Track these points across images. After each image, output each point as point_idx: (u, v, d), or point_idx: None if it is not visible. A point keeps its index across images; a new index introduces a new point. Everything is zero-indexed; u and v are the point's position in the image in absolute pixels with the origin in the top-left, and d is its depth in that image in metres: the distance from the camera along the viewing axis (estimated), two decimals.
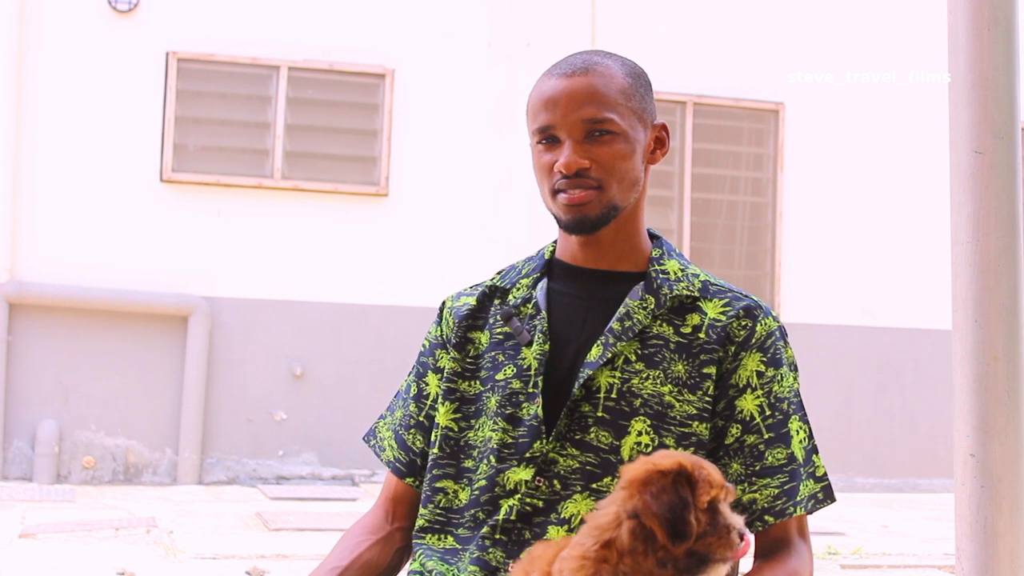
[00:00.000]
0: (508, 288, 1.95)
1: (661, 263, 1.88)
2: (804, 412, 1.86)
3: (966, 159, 1.88)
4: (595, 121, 1.82)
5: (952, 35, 1.91)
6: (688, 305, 1.85)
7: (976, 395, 1.86)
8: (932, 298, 9.69)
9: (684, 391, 1.80)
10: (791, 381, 1.85)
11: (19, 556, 5.90)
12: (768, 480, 1.78)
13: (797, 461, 1.80)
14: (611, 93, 1.83)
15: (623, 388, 1.80)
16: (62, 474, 8.43)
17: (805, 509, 1.80)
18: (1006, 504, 1.84)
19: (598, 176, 1.82)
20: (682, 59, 9.62)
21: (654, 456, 1.52)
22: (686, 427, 1.79)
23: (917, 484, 9.83)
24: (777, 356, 1.83)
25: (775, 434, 1.80)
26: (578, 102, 1.82)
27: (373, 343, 8.95)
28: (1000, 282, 1.86)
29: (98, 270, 8.55)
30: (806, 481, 1.81)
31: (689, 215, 9.59)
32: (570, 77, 1.84)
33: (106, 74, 8.67)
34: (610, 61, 1.88)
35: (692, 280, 1.87)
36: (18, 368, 8.32)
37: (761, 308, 1.86)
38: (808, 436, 1.84)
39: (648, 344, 1.82)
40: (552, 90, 1.84)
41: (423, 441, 1.96)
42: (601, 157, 1.82)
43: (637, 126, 1.86)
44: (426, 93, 9.17)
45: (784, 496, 1.78)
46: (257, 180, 8.85)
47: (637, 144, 1.86)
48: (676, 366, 1.81)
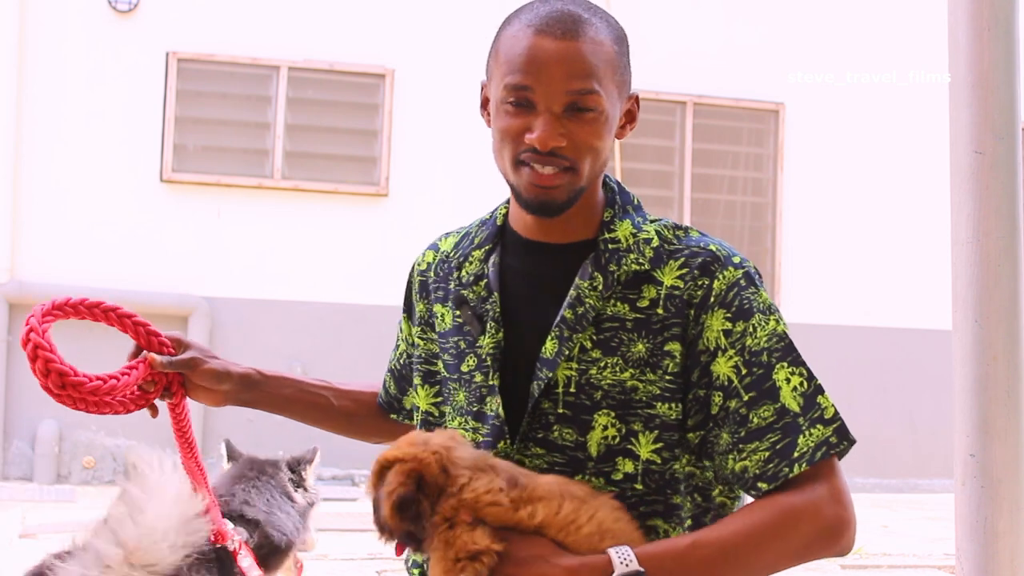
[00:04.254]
0: (461, 262, 1.84)
1: (612, 228, 1.74)
2: (794, 355, 1.68)
3: (966, 159, 1.88)
4: (581, 93, 1.66)
5: (952, 35, 1.91)
6: (643, 275, 1.71)
7: (976, 395, 1.86)
8: (932, 298, 9.69)
9: (647, 371, 1.68)
10: (771, 326, 1.68)
11: (19, 556, 5.90)
12: (756, 444, 1.64)
13: (791, 412, 1.64)
14: (600, 64, 1.68)
15: (581, 381, 1.69)
16: (62, 474, 8.43)
17: (809, 462, 1.62)
18: (1006, 504, 1.83)
19: (572, 156, 1.67)
20: (682, 59, 9.61)
21: (399, 446, 1.63)
22: (651, 408, 1.68)
23: (917, 484, 9.83)
24: (745, 307, 1.68)
25: (756, 392, 1.65)
26: (567, 72, 1.65)
27: (373, 343, 8.94)
28: (1000, 282, 1.86)
29: (98, 270, 8.55)
30: (809, 430, 1.64)
31: (689, 215, 9.59)
32: (560, 39, 1.66)
33: (106, 74, 8.67)
34: (598, 21, 1.71)
35: (643, 249, 1.72)
36: (18, 368, 8.32)
37: (719, 260, 1.70)
38: (806, 379, 1.67)
39: (603, 328, 1.70)
40: (538, 50, 1.66)
41: (396, 389, 2.06)
42: (579, 135, 1.67)
43: (616, 101, 1.72)
44: (426, 93, 9.16)
45: (777, 457, 1.63)
46: (257, 180, 8.85)
47: (614, 122, 1.72)
48: (636, 346, 1.69)
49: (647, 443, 1.69)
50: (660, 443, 1.69)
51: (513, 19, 1.72)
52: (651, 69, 9.51)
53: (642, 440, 1.69)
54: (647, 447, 1.69)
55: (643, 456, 1.69)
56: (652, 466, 1.69)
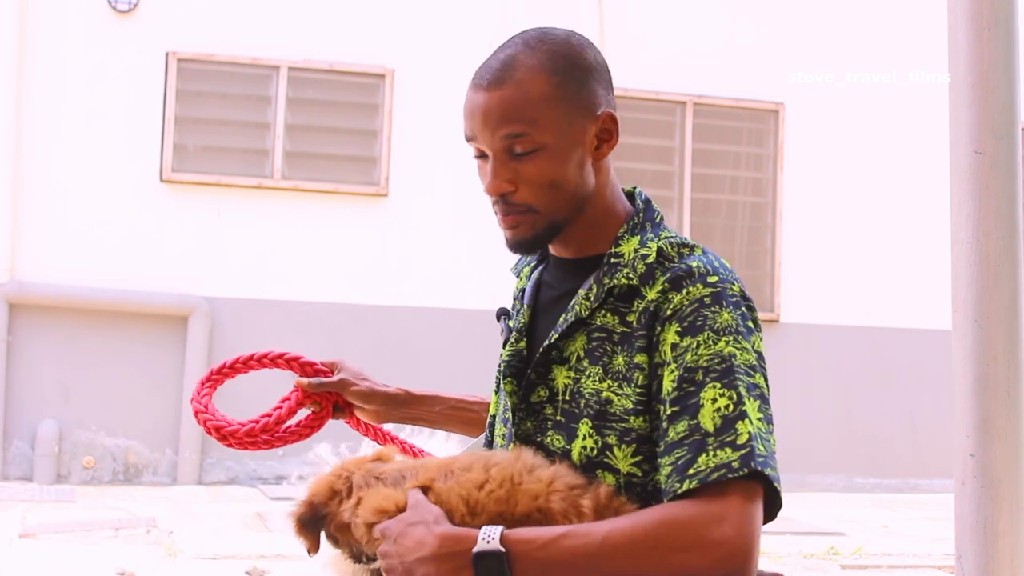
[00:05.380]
0: (518, 275, 1.96)
1: (619, 243, 1.76)
2: (732, 378, 1.62)
3: (966, 159, 1.88)
4: (513, 137, 1.71)
5: (952, 35, 1.91)
6: (635, 290, 1.72)
7: (976, 395, 1.86)
8: (932, 298, 9.69)
9: (623, 384, 1.69)
10: (717, 347, 1.64)
11: (19, 556, 5.90)
12: (667, 458, 1.62)
13: (703, 431, 1.59)
14: (530, 104, 1.70)
15: (574, 388, 1.74)
16: (62, 474, 8.43)
17: (701, 481, 1.56)
18: (1006, 504, 1.83)
19: (526, 200, 1.73)
20: (682, 59, 9.62)
21: (314, 483, 1.87)
22: (625, 422, 1.68)
23: (917, 484, 9.83)
24: (698, 323, 1.65)
25: (680, 407, 1.62)
26: (494, 120, 1.72)
27: (373, 343, 8.95)
28: (1000, 282, 1.86)
29: (98, 270, 8.55)
30: (715, 451, 1.58)
31: (689, 215, 9.59)
32: (485, 90, 1.72)
33: (106, 74, 8.67)
34: (533, 59, 1.73)
35: (636, 265, 1.73)
36: (18, 368, 8.31)
37: (692, 275, 1.68)
38: (733, 404, 1.60)
39: (592, 338, 1.74)
40: (470, 102, 1.75)
41: None
42: (528, 175, 1.72)
43: (569, 129, 1.72)
44: (426, 93, 9.16)
45: (676, 472, 1.59)
46: (257, 180, 8.85)
47: (572, 149, 1.73)
48: (616, 359, 1.71)
49: (624, 456, 1.69)
50: (639, 456, 1.69)
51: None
52: (651, 69, 9.52)
53: (619, 454, 1.69)
54: (626, 460, 1.69)
55: (623, 469, 1.69)
56: (634, 479, 1.69)
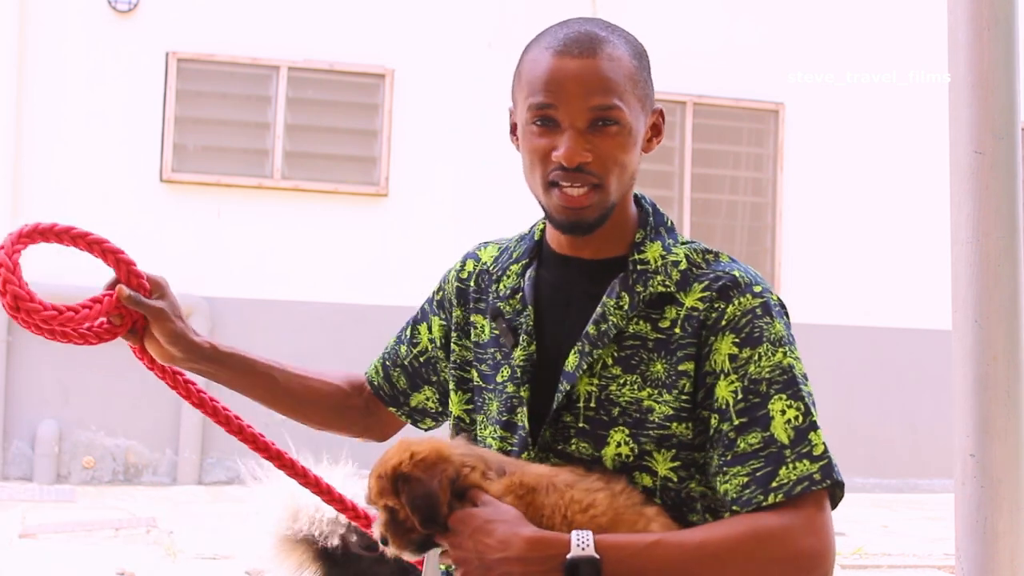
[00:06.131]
0: (500, 276, 1.90)
1: (642, 249, 1.78)
2: (795, 389, 1.69)
3: (966, 159, 1.88)
4: (603, 108, 1.70)
5: (952, 35, 1.91)
6: (667, 296, 1.74)
7: (976, 395, 1.86)
8: (932, 298, 9.69)
9: (663, 392, 1.71)
10: (778, 358, 1.69)
11: (19, 556, 5.90)
12: (739, 468, 1.65)
13: (779, 443, 1.65)
14: (620, 79, 1.72)
15: (601, 396, 1.73)
16: (62, 474, 8.43)
17: (787, 494, 1.62)
18: (1006, 504, 1.83)
19: (599, 172, 1.71)
20: (682, 59, 9.61)
21: (404, 448, 1.66)
22: (664, 429, 1.70)
23: (917, 484, 9.83)
24: (755, 335, 1.70)
25: (748, 418, 1.66)
26: (587, 88, 1.70)
27: (373, 343, 8.90)
28: (1000, 282, 1.85)
29: (98, 270, 8.51)
30: (794, 463, 1.64)
31: (689, 215, 9.59)
32: (578, 58, 1.71)
33: (106, 74, 8.67)
34: (616, 39, 1.76)
35: (670, 271, 1.75)
36: (18, 368, 8.31)
37: (739, 285, 1.72)
38: (802, 414, 1.67)
39: (625, 346, 1.74)
40: (558, 70, 1.71)
41: (406, 384, 2.05)
42: (604, 149, 1.71)
43: (640, 115, 1.76)
44: (426, 93, 9.16)
45: (754, 483, 1.64)
46: (257, 180, 8.85)
47: (638, 135, 1.76)
48: (655, 366, 1.72)
49: (664, 460, 1.72)
50: (678, 461, 1.72)
51: (533, 44, 1.78)
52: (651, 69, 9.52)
53: (659, 458, 1.71)
54: (664, 464, 1.72)
55: (661, 472, 1.72)
56: (669, 483, 1.72)
